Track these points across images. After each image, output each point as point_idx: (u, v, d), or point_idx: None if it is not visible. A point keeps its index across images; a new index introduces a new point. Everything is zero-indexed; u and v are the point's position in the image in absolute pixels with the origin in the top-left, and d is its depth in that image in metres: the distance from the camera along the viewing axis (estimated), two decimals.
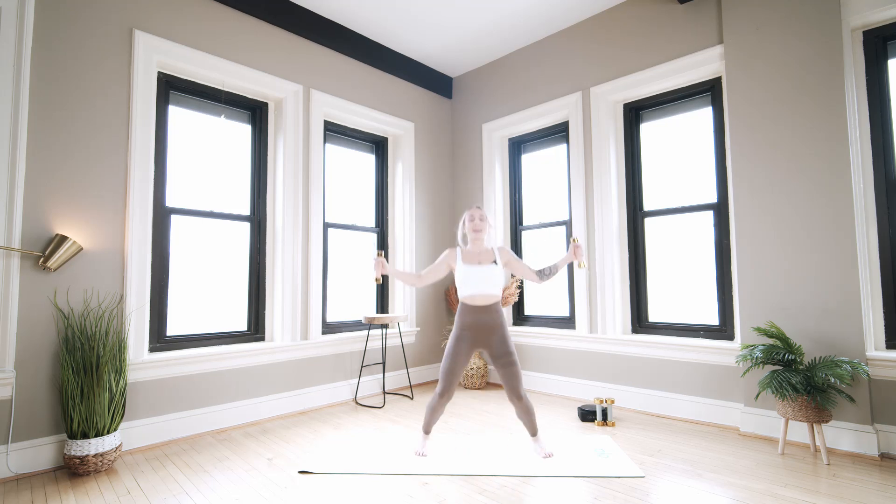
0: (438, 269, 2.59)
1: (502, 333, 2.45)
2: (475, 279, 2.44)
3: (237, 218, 3.39)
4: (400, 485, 2.17)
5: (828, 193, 2.64)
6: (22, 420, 2.36)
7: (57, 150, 2.52)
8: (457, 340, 2.46)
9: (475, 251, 2.53)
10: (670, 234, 3.48)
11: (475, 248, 2.54)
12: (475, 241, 2.53)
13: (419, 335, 4.44)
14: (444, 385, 2.45)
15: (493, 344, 2.44)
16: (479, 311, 2.44)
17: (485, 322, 2.43)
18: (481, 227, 2.52)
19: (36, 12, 2.47)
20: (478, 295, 2.43)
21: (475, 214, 2.54)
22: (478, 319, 2.44)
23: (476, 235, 2.52)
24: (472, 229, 2.53)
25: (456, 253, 2.56)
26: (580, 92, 3.82)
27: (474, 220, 2.53)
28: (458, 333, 2.47)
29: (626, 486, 2.13)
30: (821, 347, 2.63)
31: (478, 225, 2.52)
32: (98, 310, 2.60)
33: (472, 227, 2.53)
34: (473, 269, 2.45)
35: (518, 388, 2.41)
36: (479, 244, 2.53)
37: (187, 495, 2.11)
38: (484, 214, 2.55)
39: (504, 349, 2.42)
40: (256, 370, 3.27)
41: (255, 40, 3.39)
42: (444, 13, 3.71)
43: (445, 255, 2.59)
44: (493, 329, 2.44)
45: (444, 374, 2.45)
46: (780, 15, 2.83)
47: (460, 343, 2.45)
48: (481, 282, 2.43)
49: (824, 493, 2.04)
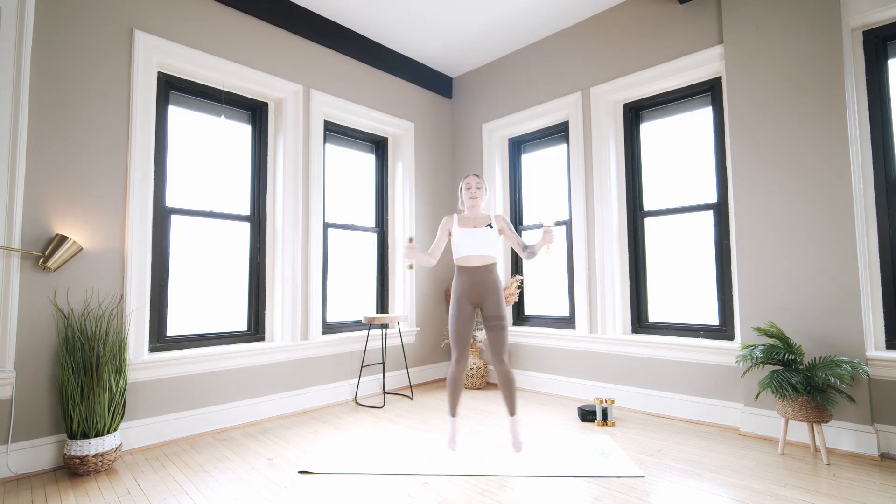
0: (440, 238, 2.68)
1: (497, 296, 2.54)
2: (470, 240, 2.54)
3: (237, 218, 3.39)
4: (400, 485, 2.17)
5: (828, 193, 2.64)
6: (22, 420, 2.36)
7: (57, 150, 2.52)
8: (457, 303, 2.55)
9: (471, 216, 2.64)
10: (670, 234, 3.48)
11: (472, 214, 2.65)
12: (472, 208, 2.65)
13: (419, 335, 4.44)
14: (457, 351, 2.53)
15: (487, 305, 2.53)
16: (474, 271, 2.54)
17: (480, 282, 2.53)
18: (477, 195, 2.63)
19: (36, 12, 2.47)
20: (472, 255, 2.54)
21: (472, 182, 2.65)
22: (473, 279, 2.53)
23: (473, 202, 2.63)
24: (469, 196, 2.64)
25: (452, 218, 2.67)
26: (580, 92, 3.82)
27: (471, 188, 2.64)
28: (457, 295, 2.56)
29: (626, 486, 2.13)
30: (821, 347, 2.63)
31: (474, 192, 2.63)
32: (98, 310, 2.60)
33: (468, 194, 2.64)
34: (468, 231, 2.56)
35: (501, 353, 2.51)
36: (475, 210, 2.65)
37: (187, 495, 2.11)
38: (481, 182, 2.66)
39: (496, 312, 2.52)
40: (256, 370, 3.27)
41: (255, 40, 3.40)
42: (444, 13, 3.71)
43: (443, 222, 2.70)
44: (489, 290, 2.53)
45: (454, 340, 2.53)
46: (780, 15, 2.83)
47: (461, 305, 2.54)
48: (476, 243, 2.53)
49: (824, 493, 2.04)
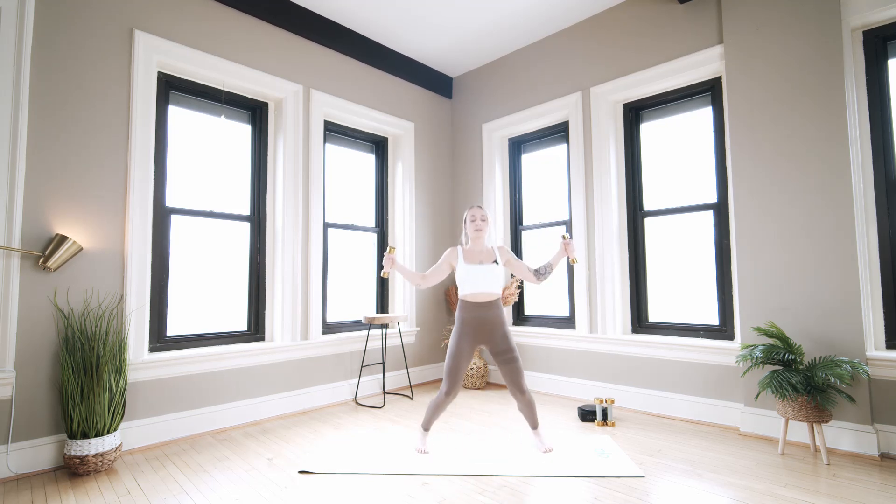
0: (441, 269, 2.62)
1: (503, 330, 2.50)
2: (476, 277, 2.49)
3: (237, 218, 3.39)
4: (400, 485, 2.17)
5: (828, 193, 2.64)
6: (22, 420, 2.36)
7: (57, 150, 2.52)
8: (459, 338, 2.49)
9: (476, 250, 2.58)
10: (670, 234, 3.48)
11: (476, 247, 2.58)
12: (476, 240, 2.58)
13: (419, 335, 4.44)
14: (449, 384, 2.48)
15: (494, 341, 2.49)
16: (479, 308, 2.48)
17: (486, 319, 2.48)
18: (482, 227, 2.57)
19: (36, 12, 2.47)
20: (479, 293, 2.48)
21: (476, 214, 2.59)
22: (479, 316, 2.48)
23: (477, 235, 2.57)
24: (474, 229, 2.58)
25: (457, 252, 2.60)
26: (580, 92, 3.82)
27: (476, 220, 2.58)
28: (459, 331, 2.50)
29: (626, 486, 2.13)
30: (821, 347, 2.63)
31: (479, 224, 2.57)
32: (98, 310, 2.60)
33: (473, 226, 2.58)
34: (474, 268, 2.50)
35: (521, 384, 2.46)
36: (479, 243, 2.58)
37: (187, 495, 2.11)
38: (485, 214, 2.60)
39: (505, 346, 2.47)
40: (256, 370, 3.27)
41: (255, 40, 3.39)
42: (444, 13, 3.71)
43: (447, 254, 2.63)
44: (494, 326, 2.48)
45: (449, 373, 2.48)
46: (780, 15, 2.83)
47: (462, 340, 2.48)
48: (482, 280, 2.48)
49: (824, 493, 2.04)
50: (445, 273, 2.63)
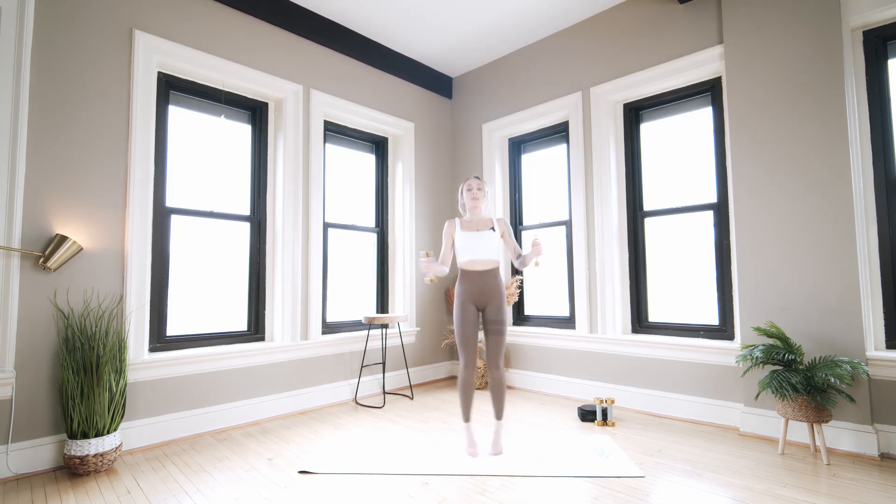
0: (447, 246, 2.68)
1: (499, 300, 2.54)
2: (473, 245, 2.53)
3: (237, 218, 3.39)
4: (400, 485, 2.17)
5: (828, 193, 2.64)
6: (22, 420, 2.36)
7: (57, 150, 2.52)
8: (462, 306, 2.54)
9: (473, 219, 2.63)
10: (670, 234, 3.48)
11: (473, 217, 2.64)
12: (473, 210, 2.64)
13: (419, 335, 4.44)
14: (465, 356, 2.52)
15: (489, 309, 2.53)
16: (478, 276, 2.53)
17: (484, 286, 2.53)
18: (478, 196, 2.62)
19: (36, 12, 2.47)
20: (476, 260, 2.53)
21: (473, 185, 2.64)
22: (478, 284, 2.53)
23: (474, 204, 2.62)
24: (470, 198, 2.62)
25: (455, 223, 2.65)
26: (580, 92, 3.82)
27: (472, 190, 2.63)
28: (461, 300, 2.55)
29: (626, 486, 2.13)
30: (821, 347, 2.63)
31: (475, 194, 2.62)
32: (98, 310, 2.60)
33: (469, 196, 2.63)
34: (471, 235, 2.55)
35: (498, 358, 2.51)
36: (476, 213, 2.64)
37: (187, 495, 2.11)
38: (481, 184, 2.65)
39: (497, 316, 2.52)
40: (256, 370, 3.27)
41: (255, 40, 3.39)
42: (444, 13, 3.71)
43: (446, 228, 2.69)
44: (492, 294, 2.53)
45: (462, 344, 2.52)
46: (780, 15, 2.83)
47: (465, 308, 2.53)
48: (479, 247, 2.53)
49: (824, 493, 2.04)
50: (451, 247, 2.68)
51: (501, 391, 2.54)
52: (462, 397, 2.56)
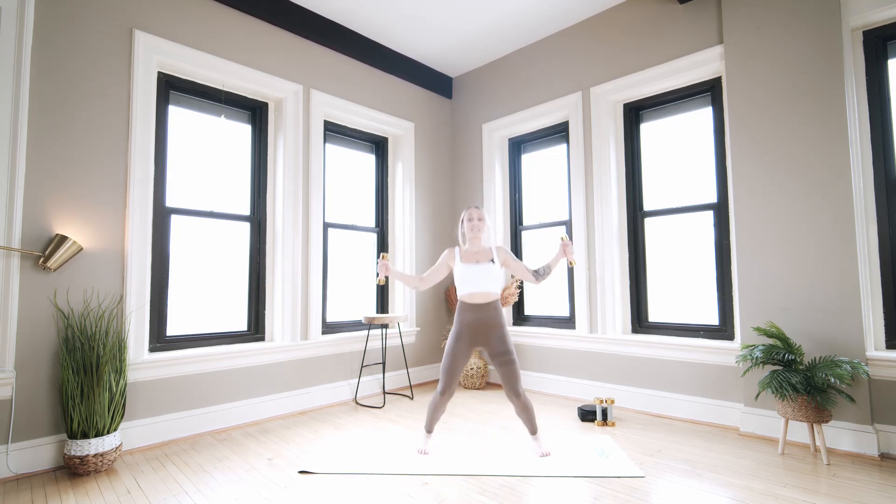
0: (439, 270, 2.61)
1: (501, 332, 2.48)
2: (473, 278, 2.47)
3: (237, 218, 3.39)
4: (400, 485, 2.17)
5: (828, 193, 2.64)
6: (22, 420, 2.36)
7: (57, 150, 2.52)
8: (456, 339, 2.48)
9: (473, 250, 2.57)
10: (670, 234, 3.48)
11: (473, 248, 2.57)
12: (473, 241, 2.57)
13: (419, 335, 4.44)
14: (444, 383, 2.48)
15: (491, 342, 2.47)
16: (477, 308, 2.47)
17: (484, 320, 2.46)
18: (479, 227, 2.55)
19: (36, 12, 2.47)
20: (476, 293, 2.47)
21: (473, 214, 2.57)
22: (477, 317, 2.46)
23: (474, 234, 2.56)
24: (470, 229, 2.56)
25: (454, 253, 2.60)
26: (580, 92, 3.82)
27: (472, 220, 2.56)
28: (457, 332, 2.50)
29: (626, 486, 2.13)
30: (821, 347, 2.63)
31: (476, 225, 2.55)
32: (98, 310, 2.60)
33: (469, 226, 2.57)
34: (471, 268, 2.49)
35: (516, 386, 2.44)
36: (476, 243, 2.57)
37: (187, 495, 2.11)
38: (482, 214, 2.58)
39: (503, 347, 2.45)
40: (256, 370, 3.27)
41: (255, 40, 3.39)
42: (444, 13, 3.71)
43: (444, 255, 2.62)
44: (492, 327, 2.47)
45: (445, 373, 2.48)
46: (780, 15, 2.83)
47: (460, 341, 2.48)
48: (479, 280, 2.47)
49: (824, 493, 2.04)
50: (443, 274, 2.62)
51: (529, 412, 2.49)
52: (430, 413, 2.55)
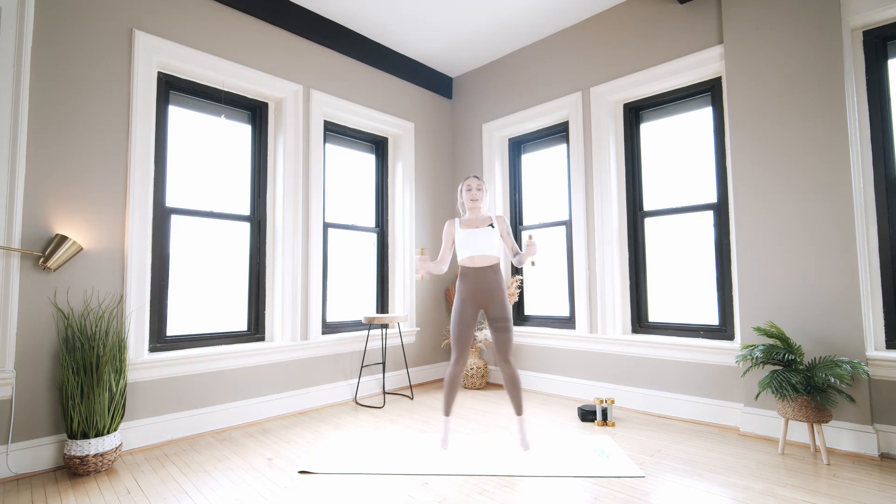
0: (447, 245, 2.70)
1: (501, 297, 2.54)
2: (473, 242, 2.55)
3: (237, 218, 3.39)
4: (400, 485, 2.17)
5: (828, 193, 2.64)
6: (22, 420, 2.36)
7: (57, 149, 2.52)
8: (461, 304, 2.55)
9: (473, 218, 2.65)
10: (670, 234, 3.48)
11: (473, 216, 2.65)
12: (472, 209, 2.65)
13: (419, 335, 4.44)
14: (457, 351, 2.54)
15: (492, 306, 2.54)
16: (478, 273, 2.54)
17: (484, 283, 2.53)
18: (478, 196, 2.64)
19: (36, 12, 2.47)
20: (476, 256, 2.54)
21: (472, 184, 2.65)
22: (478, 280, 2.54)
23: (473, 204, 2.64)
24: (470, 198, 2.64)
25: (454, 223, 2.68)
26: (580, 92, 3.82)
27: (471, 190, 2.65)
28: (461, 297, 2.56)
29: (626, 486, 2.13)
30: (821, 347, 2.63)
31: (475, 194, 2.64)
32: (98, 310, 2.60)
33: (469, 196, 2.65)
34: (471, 232, 2.57)
35: (507, 353, 2.51)
36: (476, 212, 2.65)
37: (187, 495, 2.11)
38: (481, 184, 2.66)
39: (501, 313, 2.52)
40: (256, 370, 3.27)
41: (255, 40, 3.39)
42: (444, 13, 3.71)
43: (445, 229, 2.71)
44: (493, 291, 2.53)
45: (455, 340, 2.54)
46: (780, 15, 2.83)
47: (464, 307, 2.54)
48: (479, 244, 2.54)
49: (824, 493, 2.04)
50: (451, 247, 2.70)
51: (516, 385, 2.54)
52: (447, 391, 2.58)
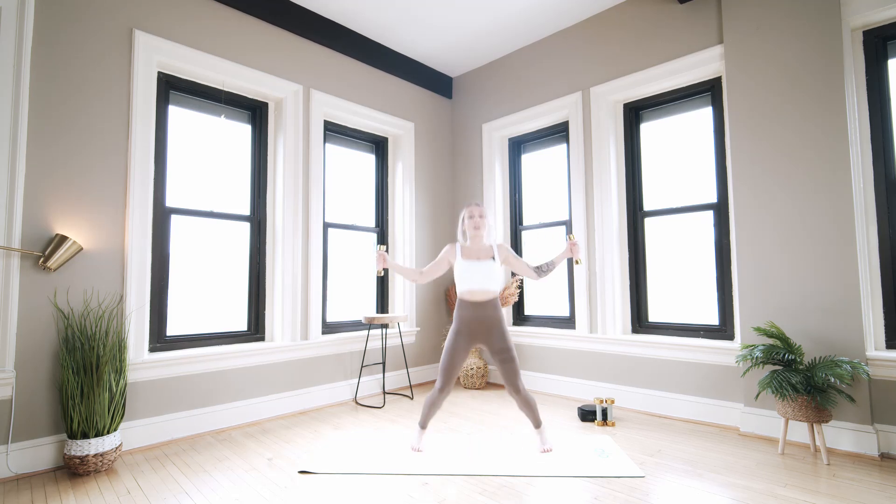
0: (439, 265, 2.63)
1: (500, 329, 2.49)
2: (473, 275, 2.48)
3: (237, 218, 3.39)
4: (400, 485, 2.17)
5: (828, 193, 2.64)
6: (22, 420, 2.36)
7: (57, 149, 2.52)
8: (455, 336, 2.50)
9: (474, 247, 2.57)
10: (670, 234, 3.48)
11: (474, 245, 2.58)
12: (474, 238, 2.58)
13: (419, 335, 4.44)
14: (443, 380, 2.50)
15: (491, 340, 2.48)
16: (477, 306, 2.48)
17: (483, 318, 2.47)
18: (480, 225, 2.56)
19: (36, 12, 2.47)
20: (476, 290, 2.48)
21: (474, 212, 2.58)
22: (476, 315, 2.48)
23: (475, 233, 2.57)
24: (472, 227, 2.57)
25: (455, 249, 2.60)
26: (580, 92, 3.82)
27: (473, 218, 2.57)
28: (456, 329, 2.51)
29: (626, 486, 2.13)
30: (821, 347, 2.63)
31: (477, 222, 2.56)
32: (98, 310, 2.60)
33: (471, 224, 2.57)
34: (472, 265, 2.50)
35: (516, 383, 2.47)
36: (477, 241, 2.58)
37: (187, 495, 2.11)
38: (483, 211, 2.59)
39: (502, 345, 2.47)
40: (256, 370, 3.27)
41: (255, 40, 3.39)
42: (444, 13, 3.71)
43: (445, 251, 2.63)
44: (492, 325, 2.48)
45: (444, 370, 2.50)
46: (780, 15, 2.83)
47: (459, 338, 2.49)
48: (479, 277, 2.48)
49: (824, 493, 2.04)
50: (443, 269, 2.64)
51: (531, 406, 2.52)
52: (426, 408, 2.56)
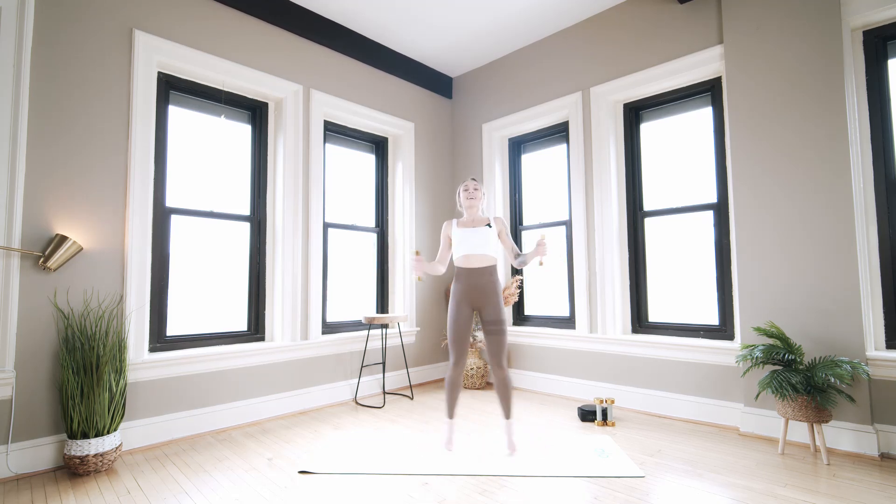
0: (445, 246, 2.72)
1: (496, 299, 2.54)
2: (469, 241, 2.56)
3: (237, 218, 3.39)
4: (400, 485, 2.17)
5: (828, 193, 2.64)
6: (22, 420, 2.36)
7: (57, 149, 2.52)
8: (456, 306, 2.55)
9: (469, 218, 2.68)
10: (670, 234, 3.48)
11: (469, 215, 2.68)
12: (469, 209, 2.68)
13: (419, 335, 4.44)
14: (455, 354, 2.54)
15: (486, 308, 2.54)
16: (473, 273, 2.55)
17: (480, 285, 2.54)
18: (475, 196, 2.66)
19: (36, 12, 2.47)
20: (472, 255, 2.55)
21: (469, 185, 2.69)
22: (473, 282, 2.54)
23: (470, 203, 2.66)
24: (467, 198, 2.67)
25: (452, 222, 2.71)
26: (580, 92, 3.82)
27: (468, 190, 2.68)
28: (455, 299, 2.57)
29: (626, 486, 2.13)
30: (821, 347, 2.63)
31: (472, 194, 2.66)
32: (98, 310, 2.60)
33: (465, 195, 2.68)
34: (467, 231, 2.58)
35: (501, 358, 2.51)
36: (473, 212, 2.67)
37: (187, 495, 2.11)
38: (479, 185, 2.69)
39: (495, 316, 2.52)
40: (256, 370, 3.27)
41: (255, 40, 3.39)
42: (444, 13, 3.71)
43: (443, 229, 2.74)
44: (488, 293, 2.54)
45: (453, 342, 2.54)
46: (779, 15, 2.83)
47: (459, 308, 2.54)
48: (475, 242, 2.55)
49: (824, 493, 2.04)
50: (450, 247, 2.72)
51: (507, 390, 2.54)
52: (448, 395, 2.59)
